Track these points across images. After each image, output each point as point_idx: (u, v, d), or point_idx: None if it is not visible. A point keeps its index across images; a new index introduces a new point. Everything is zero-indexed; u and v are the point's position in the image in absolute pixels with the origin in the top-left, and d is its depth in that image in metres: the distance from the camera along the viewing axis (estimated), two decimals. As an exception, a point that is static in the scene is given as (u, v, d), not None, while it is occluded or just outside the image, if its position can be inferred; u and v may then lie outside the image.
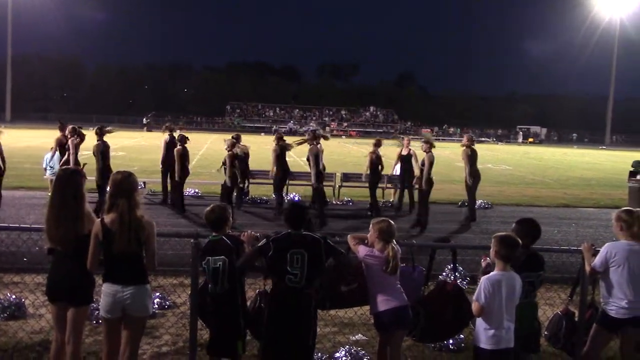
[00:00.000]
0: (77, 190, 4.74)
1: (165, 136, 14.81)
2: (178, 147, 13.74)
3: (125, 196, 4.55)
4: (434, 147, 12.94)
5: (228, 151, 12.82)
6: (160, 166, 14.76)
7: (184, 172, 13.74)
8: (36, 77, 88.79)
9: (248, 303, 5.07)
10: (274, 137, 14.62)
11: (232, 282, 4.78)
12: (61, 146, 13.82)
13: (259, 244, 4.71)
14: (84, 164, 8.97)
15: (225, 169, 12.78)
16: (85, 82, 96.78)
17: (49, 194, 13.84)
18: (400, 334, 5.18)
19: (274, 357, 4.67)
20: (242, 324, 4.83)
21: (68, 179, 4.78)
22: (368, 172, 14.25)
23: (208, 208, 5.05)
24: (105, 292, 4.59)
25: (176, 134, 14.64)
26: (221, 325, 4.86)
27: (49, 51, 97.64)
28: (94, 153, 12.76)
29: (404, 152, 14.72)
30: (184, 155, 13.65)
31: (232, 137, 13.54)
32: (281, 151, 13.80)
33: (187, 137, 13.99)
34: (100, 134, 12.99)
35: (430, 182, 12.76)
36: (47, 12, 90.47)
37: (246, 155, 14.49)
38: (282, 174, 13.79)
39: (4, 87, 75.72)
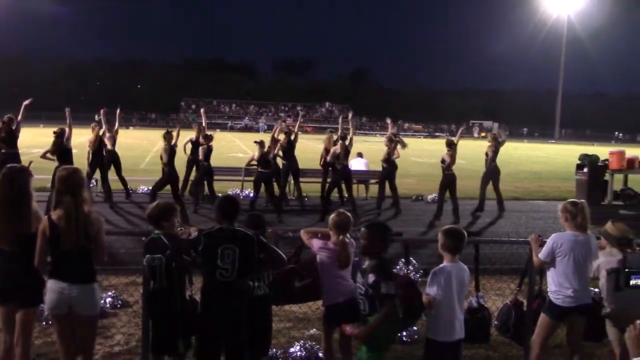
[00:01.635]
0: (24, 189, 4.63)
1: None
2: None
3: (71, 192, 4.46)
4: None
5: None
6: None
7: None
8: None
9: None
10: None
11: (170, 279, 4.71)
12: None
13: (191, 238, 4.66)
14: (31, 162, 8.70)
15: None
16: (35, 78, 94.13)
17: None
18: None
19: (207, 352, 4.62)
20: (181, 322, 4.75)
21: (14, 177, 4.66)
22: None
23: (151, 204, 5.00)
24: (50, 289, 4.49)
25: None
26: (160, 323, 4.81)
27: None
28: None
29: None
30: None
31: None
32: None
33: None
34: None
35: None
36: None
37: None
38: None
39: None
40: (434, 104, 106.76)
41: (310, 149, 40.28)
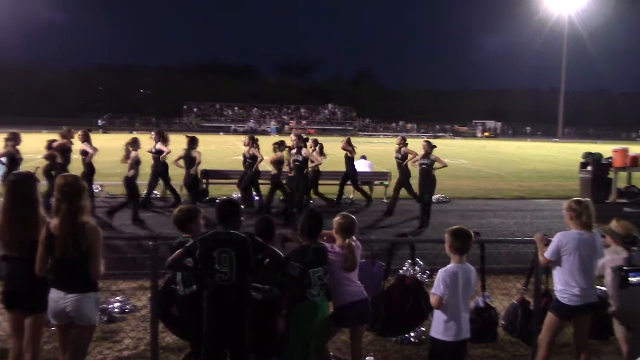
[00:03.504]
0: (31, 195, 4.66)
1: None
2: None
3: (68, 200, 4.42)
4: None
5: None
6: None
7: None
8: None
9: None
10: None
11: (200, 284, 4.77)
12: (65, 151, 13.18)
13: (187, 244, 4.65)
14: (37, 168, 8.80)
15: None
16: (36, 85, 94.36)
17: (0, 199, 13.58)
18: (361, 328, 5.26)
19: (212, 355, 4.64)
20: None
21: (21, 184, 4.69)
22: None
23: (176, 209, 5.06)
24: (50, 298, 4.48)
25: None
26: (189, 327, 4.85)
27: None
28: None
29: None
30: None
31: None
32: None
33: None
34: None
35: None
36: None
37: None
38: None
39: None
40: (436, 104, 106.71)
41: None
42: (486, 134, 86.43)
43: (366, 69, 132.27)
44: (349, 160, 15.25)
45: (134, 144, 12.74)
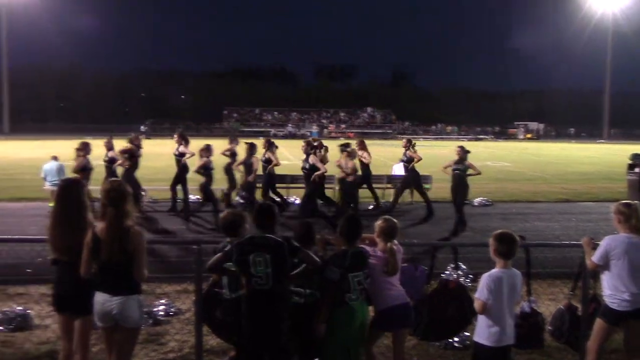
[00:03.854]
0: (79, 200, 4.77)
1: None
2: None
3: (114, 205, 4.53)
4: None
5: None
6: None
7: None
8: (33, 88, 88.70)
9: None
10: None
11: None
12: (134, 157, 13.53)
13: (226, 249, 4.72)
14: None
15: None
16: (81, 91, 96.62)
17: (50, 204, 13.94)
18: (404, 332, 5.23)
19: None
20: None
21: (70, 189, 4.82)
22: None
23: (223, 213, 5.14)
24: (95, 301, 4.58)
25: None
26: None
27: (45, 62, 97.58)
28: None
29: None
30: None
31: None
32: None
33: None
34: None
35: None
36: (41, 24, 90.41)
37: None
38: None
39: (1, 99, 75.79)
40: (477, 105, 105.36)
41: (353, 154, 40.52)
42: (528, 135, 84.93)
43: (405, 72, 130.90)
44: (364, 166, 14.98)
45: (207, 150, 12.95)
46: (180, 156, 14.24)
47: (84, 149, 12.65)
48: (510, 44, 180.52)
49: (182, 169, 14.20)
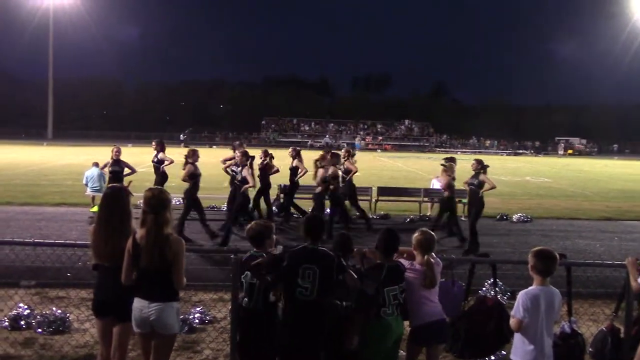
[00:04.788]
0: (124, 208, 4.84)
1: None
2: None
3: (154, 212, 4.58)
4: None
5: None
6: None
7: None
8: (77, 96, 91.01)
9: None
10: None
11: (266, 298, 4.84)
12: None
13: (277, 254, 4.77)
14: (130, 182, 9.12)
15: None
16: (124, 100, 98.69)
17: (90, 210, 14.20)
18: (438, 348, 5.17)
19: None
20: (271, 340, 4.84)
21: (115, 197, 4.89)
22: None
23: (251, 224, 5.15)
24: (133, 307, 4.63)
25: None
26: (251, 340, 4.90)
27: (89, 71, 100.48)
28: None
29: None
30: None
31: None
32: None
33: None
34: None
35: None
36: (86, 34, 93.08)
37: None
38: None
39: (46, 107, 77.89)
40: (516, 120, 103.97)
41: (390, 166, 40.35)
42: (570, 151, 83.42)
43: (443, 84, 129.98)
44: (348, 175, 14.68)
45: (193, 155, 12.73)
46: (158, 163, 14.19)
47: (192, 155, 12.46)
48: (552, 58, 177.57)
49: (162, 176, 14.18)
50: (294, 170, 14.45)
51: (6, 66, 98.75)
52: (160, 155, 14.28)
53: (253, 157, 13.24)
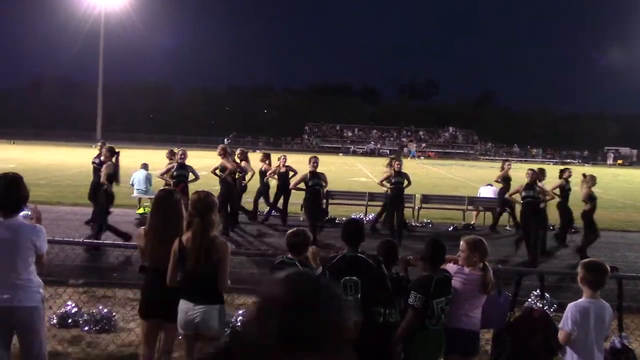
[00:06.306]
0: (175, 210, 4.90)
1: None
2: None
3: (200, 216, 4.61)
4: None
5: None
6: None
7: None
8: (125, 100, 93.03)
9: None
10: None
11: None
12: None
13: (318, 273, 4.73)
14: (180, 184, 9.23)
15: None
16: (171, 104, 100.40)
17: (137, 212, 14.42)
18: (459, 358, 5.07)
19: None
20: None
21: (166, 199, 4.96)
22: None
23: (291, 231, 5.14)
24: (179, 309, 4.68)
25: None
26: None
27: (138, 76, 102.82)
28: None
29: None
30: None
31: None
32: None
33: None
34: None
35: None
36: (136, 40, 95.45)
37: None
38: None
39: (95, 110, 79.87)
40: (565, 128, 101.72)
41: (433, 174, 39.93)
42: (619, 161, 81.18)
43: (489, 91, 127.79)
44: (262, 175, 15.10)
45: (170, 155, 13.65)
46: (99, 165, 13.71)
47: (267, 158, 14.90)
48: (602, 65, 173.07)
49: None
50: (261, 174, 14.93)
51: (60, 71, 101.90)
52: (244, 163, 14.23)
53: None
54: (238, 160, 13.90)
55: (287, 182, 14.36)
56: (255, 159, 15.13)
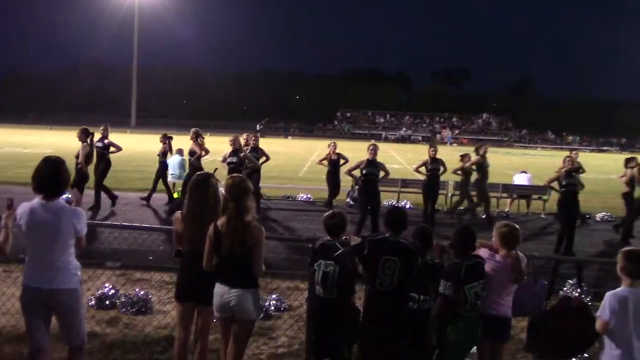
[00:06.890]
0: (212, 194, 4.93)
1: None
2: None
3: (235, 200, 4.63)
4: None
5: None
6: None
7: None
8: (159, 85, 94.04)
9: None
10: None
11: (340, 289, 4.86)
12: None
13: (354, 244, 4.77)
14: (215, 169, 9.31)
15: None
16: (203, 90, 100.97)
17: (174, 196, 14.57)
18: (497, 346, 5.06)
19: (369, 356, 4.72)
20: (346, 328, 4.87)
21: (202, 183, 5.00)
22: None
23: (328, 213, 5.17)
24: (215, 292, 4.72)
25: None
26: (326, 329, 4.94)
27: (171, 62, 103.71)
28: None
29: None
30: None
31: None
32: None
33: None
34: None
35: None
36: (170, 24, 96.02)
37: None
38: None
39: (129, 96, 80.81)
40: (602, 115, 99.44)
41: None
42: (659, 149, 79.24)
43: (525, 77, 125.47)
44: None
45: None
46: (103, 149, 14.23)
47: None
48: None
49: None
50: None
51: (95, 55, 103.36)
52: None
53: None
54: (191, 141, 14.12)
55: (337, 169, 14.46)
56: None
